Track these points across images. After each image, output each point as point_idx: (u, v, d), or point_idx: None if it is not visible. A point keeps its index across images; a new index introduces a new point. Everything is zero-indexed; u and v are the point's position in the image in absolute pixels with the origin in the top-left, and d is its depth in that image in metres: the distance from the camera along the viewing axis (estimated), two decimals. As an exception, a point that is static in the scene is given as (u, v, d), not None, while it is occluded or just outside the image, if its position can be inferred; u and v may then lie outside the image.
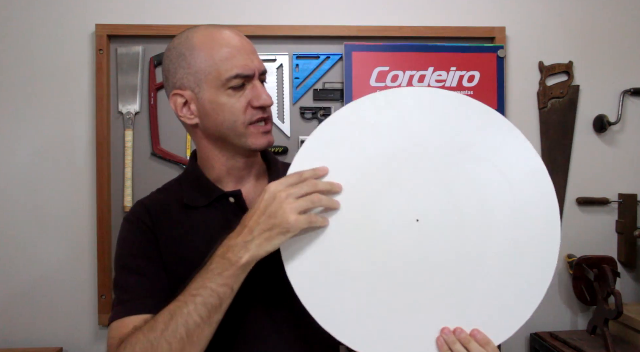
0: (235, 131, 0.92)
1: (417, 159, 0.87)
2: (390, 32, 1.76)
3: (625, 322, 1.61)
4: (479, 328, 0.82)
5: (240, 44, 0.92)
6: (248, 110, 0.91)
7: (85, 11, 1.73)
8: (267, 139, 0.94)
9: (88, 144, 1.73)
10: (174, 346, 0.78)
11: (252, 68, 0.91)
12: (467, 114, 0.88)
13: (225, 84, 0.90)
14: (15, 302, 1.73)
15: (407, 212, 0.85)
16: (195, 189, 0.97)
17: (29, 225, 1.73)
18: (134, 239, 0.94)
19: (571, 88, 1.82)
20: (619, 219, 1.81)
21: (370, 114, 0.88)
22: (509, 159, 0.87)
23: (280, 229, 0.79)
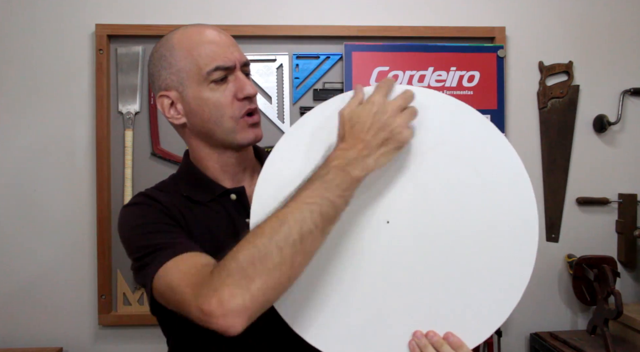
0: (223, 126, 0.91)
1: None
2: (390, 32, 1.76)
3: (625, 322, 1.61)
4: (453, 331, 0.81)
5: (218, 37, 0.92)
6: (234, 104, 0.90)
7: (85, 11, 1.73)
8: (254, 133, 0.92)
9: (88, 144, 1.73)
10: (285, 251, 0.72)
11: (232, 59, 0.90)
12: (438, 109, 0.84)
13: (207, 79, 0.89)
14: (15, 302, 1.73)
15: (377, 214, 0.83)
16: (194, 186, 0.96)
17: (29, 225, 1.73)
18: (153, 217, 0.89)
19: (571, 88, 1.82)
20: (619, 219, 1.81)
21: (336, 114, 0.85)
22: (482, 155, 0.83)
23: (396, 143, 0.78)
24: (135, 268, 0.87)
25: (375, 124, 0.78)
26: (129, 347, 1.74)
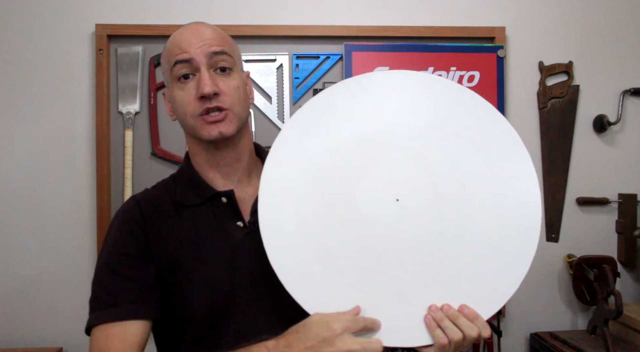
0: (188, 124, 0.92)
1: (394, 140, 0.87)
2: (390, 32, 1.76)
3: (625, 322, 1.61)
4: (467, 303, 0.82)
5: (188, 34, 0.91)
6: (195, 102, 0.89)
7: (85, 11, 1.73)
8: (217, 130, 0.89)
9: (88, 144, 1.73)
10: None
11: (190, 53, 0.89)
12: (440, 93, 0.89)
13: (174, 76, 0.91)
14: (15, 302, 1.73)
15: (387, 192, 0.86)
16: (189, 187, 0.97)
17: (29, 225, 1.73)
18: (122, 239, 0.92)
19: (571, 88, 1.82)
20: (619, 219, 1.81)
21: (344, 100, 0.89)
22: (484, 134, 0.87)
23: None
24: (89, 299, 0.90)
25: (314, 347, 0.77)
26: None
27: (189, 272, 0.91)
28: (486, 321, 0.82)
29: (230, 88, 0.91)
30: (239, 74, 0.95)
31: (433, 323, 0.81)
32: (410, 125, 0.88)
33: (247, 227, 0.93)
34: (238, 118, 0.92)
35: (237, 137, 0.94)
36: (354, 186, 0.86)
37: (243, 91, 0.94)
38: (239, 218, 0.94)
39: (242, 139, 0.96)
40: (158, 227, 0.93)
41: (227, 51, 0.91)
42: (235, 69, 0.93)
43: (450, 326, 0.80)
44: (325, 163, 0.87)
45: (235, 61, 0.94)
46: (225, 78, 0.91)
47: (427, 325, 0.82)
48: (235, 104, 0.91)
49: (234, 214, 0.94)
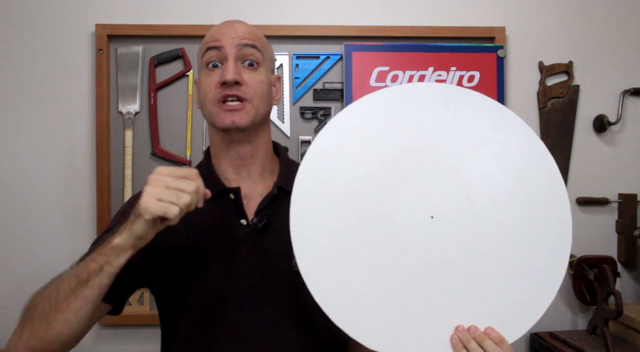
0: (207, 110, 0.93)
1: (431, 155, 0.86)
2: (390, 32, 1.76)
3: (625, 322, 1.61)
4: (493, 326, 0.82)
5: (224, 26, 0.94)
6: (217, 88, 0.91)
7: (85, 11, 1.73)
8: (231, 119, 0.90)
9: (88, 144, 1.73)
10: (45, 306, 0.85)
11: (221, 42, 0.92)
12: (481, 111, 0.88)
13: (203, 62, 0.93)
14: (15, 302, 1.73)
15: (422, 208, 0.85)
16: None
17: (29, 225, 1.73)
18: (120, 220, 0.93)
19: (571, 88, 1.82)
20: (619, 219, 1.81)
21: (385, 109, 0.88)
22: (521, 156, 0.87)
23: (135, 214, 0.77)
24: None
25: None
26: (129, 347, 1.74)
27: (187, 265, 0.91)
28: None
29: (254, 81, 0.92)
30: (267, 72, 0.96)
31: (459, 344, 0.81)
32: (449, 141, 0.87)
33: (249, 226, 0.93)
34: (256, 111, 0.92)
35: (253, 133, 0.95)
36: (390, 199, 0.85)
37: (267, 87, 0.95)
38: (242, 216, 0.94)
39: (259, 135, 0.97)
40: None
41: (257, 46, 0.94)
42: (263, 66, 0.95)
43: (476, 348, 0.80)
44: (361, 173, 0.85)
45: (265, 59, 0.96)
46: (251, 71, 0.93)
47: (453, 345, 0.82)
48: (256, 97, 0.92)
49: (238, 212, 0.94)
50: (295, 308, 0.88)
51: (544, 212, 0.85)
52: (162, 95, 1.74)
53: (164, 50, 1.73)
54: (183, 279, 0.91)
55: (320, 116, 1.74)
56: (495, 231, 0.85)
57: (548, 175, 0.87)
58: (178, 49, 1.73)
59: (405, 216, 0.85)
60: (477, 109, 0.88)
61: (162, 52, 1.73)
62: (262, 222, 0.93)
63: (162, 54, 1.73)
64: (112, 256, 0.80)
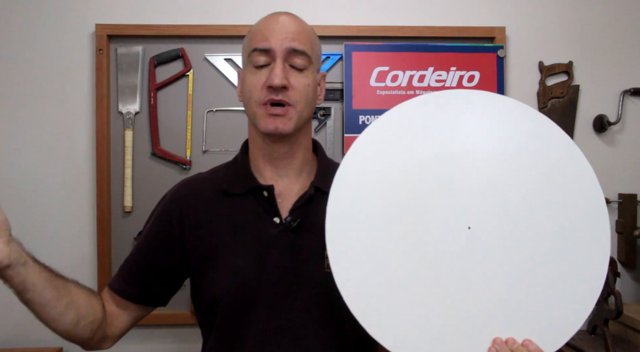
0: (250, 110, 0.92)
1: (469, 164, 0.85)
2: (390, 32, 1.76)
3: (625, 322, 1.61)
4: (531, 338, 0.81)
5: (275, 22, 0.92)
6: (263, 90, 0.90)
7: (85, 11, 1.73)
8: (274, 124, 0.89)
9: (88, 144, 1.73)
10: None
11: (270, 44, 0.89)
12: (519, 119, 0.87)
13: (250, 61, 0.91)
14: (15, 302, 1.72)
15: (459, 219, 0.84)
16: (237, 176, 0.98)
17: (29, 224, 1.73)
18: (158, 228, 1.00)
19: (571, 88, 1.82)
20: (619, 219, 1.81)
21: (421, 117, 0.86)
22: (560, 168, 0.86)
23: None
24: None
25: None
26: (129, 347, 1.74)
27: (219, 261, 0.92)
28: None
29: (300, 84, 0.91)
30: (313, 73, 0.95)
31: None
32: (486, 150, 0.86)
33: (283, 225, 0.93)
34: (299, 116, 0.92)
35: (295, 135, 0.94)
36: (426, 208, 0.84)
37: (312, 90, 0.94)
38: (276, 214, 0.93)
39: (300, 136, 0.96)
40: (197, 215, 0.96)
41: (306, 51, 0.92)
42: (311, 68, 0.93)
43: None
44: (397, 183, 0.84)
45: (313, 61, 0.94)
46: (298, 74, 0.91)
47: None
48: (301, 102, 0.91)
49: (272, 210, 0.94)
50: (325, 309, 0.88)
51: (582, 221, 0.84)
52: (162, 95, 1.74)
53: (164, 50, 1.73)
54: (215, 276, 0.92)
55: (320, 116, 1.74)
56: (532, 240, 0.83)
57: (585, 183, 0.86)
58: (178, 49, 1.73)
59: (441, 226, 0.83)
60: (513, 117, 0.87)
61: (162, 52, 1.73)
62: (296, 221, 0.92)
63: (162, 54, 1.73)
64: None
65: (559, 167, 0.86)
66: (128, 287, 1.00)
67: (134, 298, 1.00)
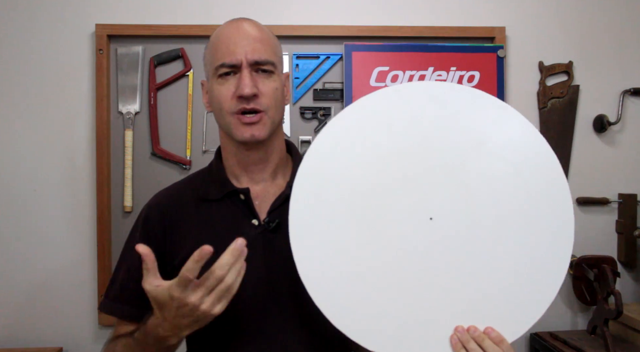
0: (223, 120, 0.92)
1: (430, 155, 0.85)
2: (390, 32, 1.76)
3: (625, 322, 1.61)
4: (493, 326, 0.82)
5: (237, 33, 0.92)
6: (233, 100, 0.90)
7: (85, 11, 1.73)
8: (250, 132, 0.90)
9: (88, 144, 1.73)
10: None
11: (236, 58, 0.89)
12: (480, 109, 0.87)
13: (216, 73, 0.91)
14: (15, 302, 1.73)
15: (421, 210, 0.84)
16: (212, 182, 0.98)
17: (29, 225, 1.73)
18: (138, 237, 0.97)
19: (571, 88, 1.82)
20: (619, 219, 1.81)
21: (382, 110, 0.87)
22: (522, 154, 0.86)
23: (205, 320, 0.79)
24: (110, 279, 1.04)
25: (179, 314, 0.78)
26: None
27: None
28: None
29: (269, 89, 0.91)
30: (280, 76, 0.95)
31: (459, 344, 0.81)
32: (448, 141, 0.86)
33: (262, 226, 0.93)
34: (272, 121, 0.93)
35: (269, 139, 0.95)
36: (388, 201, 0.85)
37: (281, 93, 0.95)
38: (254, 216, 0.94)
39: (274, 140, 0.97)
40: (177, 223, 0.96)
41: (271, 60, 0.92)
42: (277, 72, 0.94)
43: (476, 348, 0.80)
44: (358, 176, 0.85)
45: (277, 65, 0.94)
46: (266, 79, 0.92)
47: (452, 345, 0.82)
48: (271, 107, 0.92)
49: (250, 212, 0.94)
50: (304, 309, 0.88)
51: (546, 210, 0.84)
52: (162, 95, 1.74)
53: (164, 50, 1.73)
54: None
55: (320, 116, 1.75)
56: (495, 230, 0.84)
57: (550, 173, 0.86)
58: (178, 49, 1.73)
59: (403, 217, 0.84)
60: (476, 107, 0.87)
61: (162, 52, 1.73)
62: (275, 222, 0.93)
63: (162, 54, 1.73)
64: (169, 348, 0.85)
65: (522, 155, 0.86)
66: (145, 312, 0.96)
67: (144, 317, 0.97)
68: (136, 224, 1.00)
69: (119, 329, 0.98)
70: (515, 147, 0.86)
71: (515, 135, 0.86)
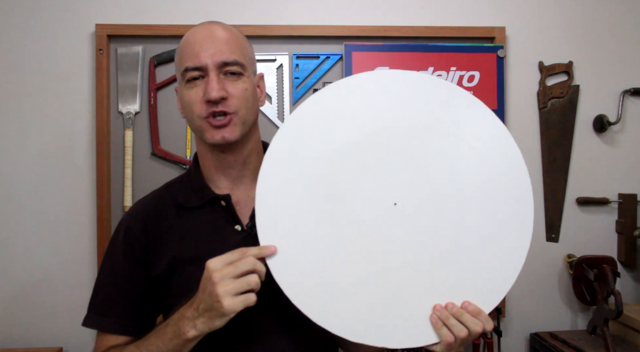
0: (194, 124, 0.92)
1: (386, 142, 0.87)
2: (390, 32, 1.76)
3: (625, 322, 1.61)
4: (469, 300, 0.83)
5: (201, 37, 0.91)
6: (202, 104, 0.89)
7: (85, 11, 1.73)
8: (221, 135, 0.90)
9: (88, 144, 1.73)
10: None
11: (201, 61, 0.89)
12: (429, 92, 0.89)
13: (183, 78, 0.91)
14: (15, 302, 1.73)
15: (384, 197, 0.86)
16: (192, 189, 0.97)
17: (30, 225, 1.73)
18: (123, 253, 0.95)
19: (571, 88, 1.82)
20: (619, 219, 1.81)
21: (334, 104, 0.88)
22: (475, 131, 0.88)
23: (216, 312, 0.78)
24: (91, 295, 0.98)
25: (203, 290, 0.80)
26: (129, 347, 1.74)
27: (185, 274, 0.91)
28: None
29: (238, 91, 0.91)
30: (250, 77, 0.94)
31: (439, 322, 0.82)
32: (402, 126, 0.88)
33: (245, 231, 0.93)
34: (243, 122, 0.92)
35: (242, 141, 0.94)
36: (351, 192, 0.86)
37: (252, 94, 0.94)
38: (236, 222, 0.94)
39: (249, 142, 0.96)
40: (159, 232, 0.95)
41: (238, 61, 0.91)
42: (246, 73, 0.93)
43: (456, 323, 0.81)
44: (319, 171, 0.86)
45: (247, 66, 0.93)
46: (234, 81, 0.91)
47: (433, 324, 0.83)
48: (241, 108, 0.91)
49: (232, 218, 0.94)
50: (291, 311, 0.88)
51: (505, 182, 0.87)
52: (162, 95, 1.74)
53: (164, 50, 1.73)
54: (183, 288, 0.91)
55: (320, 116, 1.74)
56: (458, 207, 0.86)
57: (505, 146, 0.88)
58: (178, 49, 1.73)
59: (368, 206, 0.86)
60: (424, 90, 0.89)
61: (162, 52, 1.73)
62: None
63: (162, 54, 1.73)
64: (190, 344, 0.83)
65: (477, 135, 0.88)
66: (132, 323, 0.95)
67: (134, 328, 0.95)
68: (116, 236, 0.98)
69: (106, 343, 0.94)
70: (467, 124, 0.88)
71: (464, 112, 0.89)
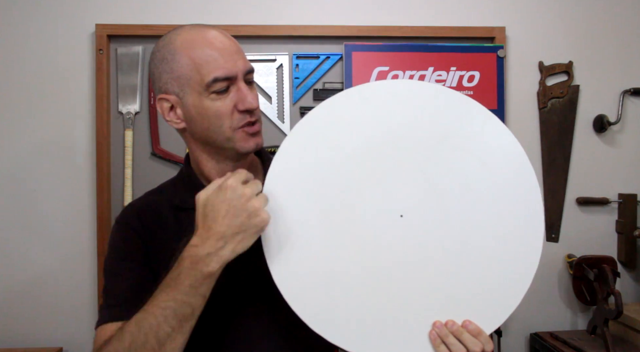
0: (223, 135, 0.90)
1: (397, 153, 0.86)
2: (390, 32, 1.76)
3: (625, 322, 1.61)
4: (471, 319, 0.82)
5: (222, 44, 0.88)
6: (234, 114, 0.88)
7: (85, 11, 1.73)
8: (255, 142, 0.91)
9: (88, 144, 1.73)
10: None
11: (233, 71, 0.87)
12: (444, 104, 0.87)
13: (208, 89, 0.87)
14: (15, 302, 1.73)
15: (391, 208, 0.85)
16: (187, 190, 0.96)
17: (29, 225, 1.73)
18: (120, 244, 0.94)
19: (571, 88, 1.82)
20: (619, 219, 1.81)
21: (346, 112, 0.87)
22: (488, 146, 0.86)
23: (254, 228, 0.78)
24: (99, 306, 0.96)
25: (230, 210, 0.77)
26: None
27: None
28: None
29: (257, 100, 0.91)
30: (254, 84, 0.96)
31: (438, 339, 0.81)
32: (413, 137, 0.86)
33: None
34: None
35: None
36: (358, 201, 0.85)
37: None
38: None
39: None
40: (157, 232, 0.94)
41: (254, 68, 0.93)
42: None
43: (455, 342, 0.80)
44: (327, 177, 0.85)
45: None
46: (252, 90, 0.92)
47: (431, 341, 0.82)
48: (260, 114, 0.93)
49: None
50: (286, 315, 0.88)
51: (515, 201, 0.85)
52: (162, 95, 1.74)
53: (164, 50, 1.73)
54: None
55: (320, 116, 1.74)
56: (465, 223, 0.84)
57: (517, 163, 0.86)
58: (178, 49, 1.73)
59: (374, 217, 0.84)
60: (440, 103, 0.88)
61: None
62: None
63: (162, 54, 1.73)
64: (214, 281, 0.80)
65: (487, 147, 0.86)
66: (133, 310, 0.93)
67: None
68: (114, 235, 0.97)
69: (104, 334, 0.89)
70: (480, 139, 0.86)
71: (478, 127, 0.87)
